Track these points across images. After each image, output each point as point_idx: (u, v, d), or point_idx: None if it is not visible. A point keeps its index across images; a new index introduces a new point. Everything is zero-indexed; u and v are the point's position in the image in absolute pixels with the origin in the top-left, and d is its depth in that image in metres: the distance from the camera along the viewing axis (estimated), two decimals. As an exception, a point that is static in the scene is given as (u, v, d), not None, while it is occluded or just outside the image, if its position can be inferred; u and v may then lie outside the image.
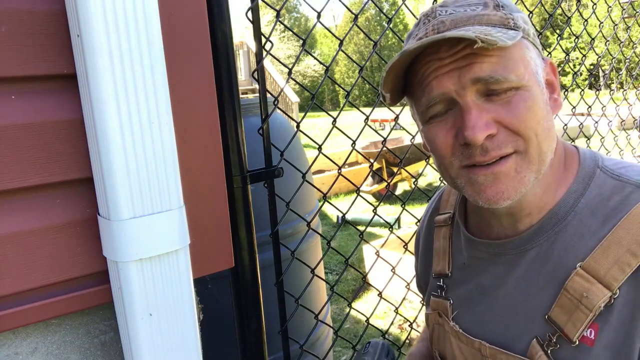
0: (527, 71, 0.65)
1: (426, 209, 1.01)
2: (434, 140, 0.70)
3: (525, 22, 0.68)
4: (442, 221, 0.90)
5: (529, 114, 0.64)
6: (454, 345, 0.82)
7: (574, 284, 0.65)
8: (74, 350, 0.84)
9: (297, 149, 1.84)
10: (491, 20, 0.65)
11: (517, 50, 0.65)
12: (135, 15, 0.71)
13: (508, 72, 0.63)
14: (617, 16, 2.52)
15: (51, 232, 0.77)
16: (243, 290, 1.02)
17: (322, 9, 1.17)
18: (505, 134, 0.65)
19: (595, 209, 0.68)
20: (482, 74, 0.63)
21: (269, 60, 14.92)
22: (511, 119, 0.64)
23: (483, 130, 0.63)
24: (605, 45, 2.28)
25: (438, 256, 0.89)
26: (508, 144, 0.65)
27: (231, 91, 0.93)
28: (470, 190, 0.69)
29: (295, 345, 1.25)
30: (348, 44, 34.36)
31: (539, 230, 0.71)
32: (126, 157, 0.73)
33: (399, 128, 8.98)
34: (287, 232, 1.70)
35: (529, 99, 0.64)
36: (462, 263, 0.83)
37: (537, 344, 0.68)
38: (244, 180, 0.98)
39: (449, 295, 0.85)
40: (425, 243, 0.97)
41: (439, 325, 0.87)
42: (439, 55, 0.65)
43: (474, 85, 0.64)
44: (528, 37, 0.68)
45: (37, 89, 0.75)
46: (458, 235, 0.86)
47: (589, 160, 0.73)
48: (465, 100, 0.65)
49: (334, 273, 4.63)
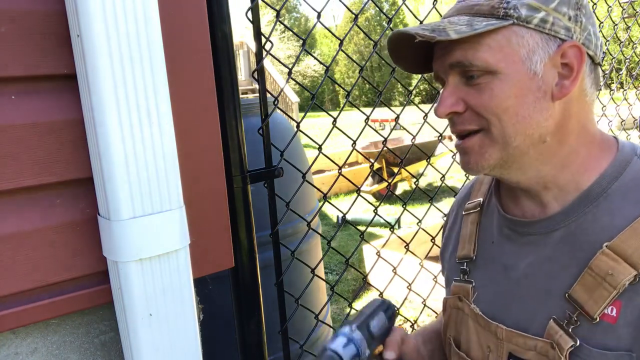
0: (507, 58, 0.68)
1: (457, 197, 1.03)
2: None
3: (534, 8, 0.68)
4: (471, 208, 0.93)
5: (493, 100, 0.69)
6: (470, 329, 0.83)
7: (600, 263, 0.66)
8: (74, 350, 0.84)
9: (297, 149, 1.84)
10: (481, 10, 0.70)
11: (498, 39, 0.68)
12: (135, 15, 0.71)
13: (475, 58, 0.68)
14: (617, 16, 2.52)
15: (51, 232, 0.77)
16: (243, 290, 1.02)
17: (322, 9, 1.17)
18: (470, 114, 0.72)
19: (628, 192, 0.69)
20: (452, 60, 0.71)
21: (269, 60, 14.92)
22: (475, 102, 0.71)
23: (447, 107, 0.72)
24: (605, 45, 2.28)
25: (464, 241, 0.90)
26: (472, 122, 0.72)
27: (231, 91, 0.93)
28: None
29: (295, 345, 1.25)
30: (348, 44, 34.34)
31: (568, 211, 0.72)
32: (126, 157, 0.73)
33: (399, 128, 8.95)
34: (287, 232, 1.70)
35: (498, 88, 0.69)
36: (491, 242, 0.85)
37: (556, 324, 0.69)
38: (244, 180, 0.98)
39: (472, 277, 0.86)
40: (450, 229, 0.99)
41: (458, 310, 0.87)
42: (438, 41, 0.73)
43: (452, 69, 0.72)
44: (528, 24, 0.68)
45: (37, 89, 0.75)
46: (488, 218, 0.87)
47: (627, 148, 0.74)
48: (447, 81, 0.73)
49: (334, 273, 4.63)
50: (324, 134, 1.34)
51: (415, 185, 1.63)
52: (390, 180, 5.57)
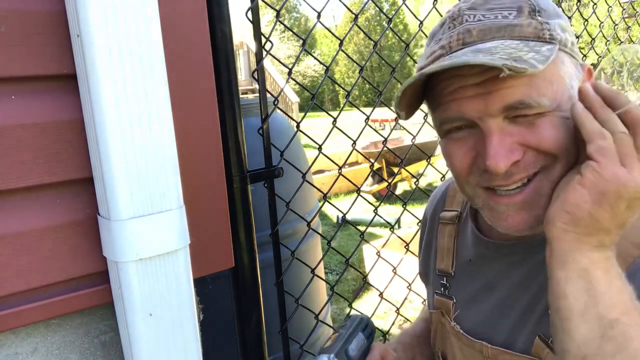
0: (559, 89, 0.60)
1: (430, 199, 0.99)
2: (451, 157, 0.68)
3: (564, 29, 0.62)
4: (448, 219, 0.90)
5: (559, 133, 0.60)
6: (454, 346, 0.82)
7: None
8: (74, 350, 0.84)
9: (297, 149, 1.84)
10: (524, 33, 0.60)
11: (551, 69, 0.59)
12: (135, 15, 0.71)
13: (541, 96, 0.58)
14: (617, 16, 2.52)
15: (51, 232, 0.77)
16: (243, 290, 1.02)
17: (322, 9, 1.17)
18: (531, 155, 0.61)
19: None
20: (512, 100, 0.58)
21: (269, 60, 14.92)
22: (539, 141, 0.60)
23: (506, 158, 0.59)
24: (605, 45, 2.28)
25: (442, 254, 0.89)
26: (536, 164, 0.61)
27: (231, 91, 0.93)
28: (489, 214, 0.67)
29: (295, 345, 1.25)
30: (348, 44, 34.34)
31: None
32: (126, 157, 0.73)
33: (399, 128, 8.96)
34: (287, 232, 1.70)
35: (555, 119, 0.60)
36: (468, 260, 0.83)
37: (542, 342, 0.68)
38: (244, 180, 0.98)
39: (452, 294, 0.85)
40: (428, 234, 0.96)
41: (442, 325, 0.86)
42: (462, 72, 0.60)
43: (503, 113, 0.59)
44: (565, 47, 0.62)
45: (37, 89, 0.74)
46: (464, 233, 0.86)
47: None
48: (487, 126, 0.60)
49: (334, 273, 4.63)
50: (324, 134, 1.34)
51: (415, 185, 1.63)
52: (390, 180, 5.57)
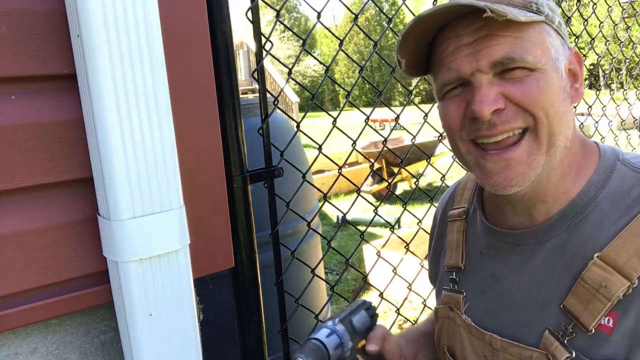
0: (545, 56, 0.66)
1: (440, 202, 1.01)
2: (446, 115, 0.72)
3: (551, 9, 0.68)
4: (456, 215, 0.91)
5: (541, 94, 0.65)
6: (464, 339, 0.82)
7: (592, 274, 0.65)
8: (74, 350, 0.84)
9: (297, 149, 1.84)
10: (513, 1, 0.66)
11: (536, 34, 0.65)
12: (135, 15, 0.71)
13: (525, 53, 0.64)
14: (617, 16, 2.52)
15: (51, 232, 0.77)
16: (243, 290, 1.02)
17: (322, 9, 1.17)
18: (513, 109, 0.65)
19: (616, 200, 0.68)
20: (498, 55, 0.64)
21: (269, 60, 14.93)
22: (521, 96, 0.65)
23: (490, 104, 0.64)
24: (605, 45, 2.28)
25: (451, 249, 0.89)
26: (517, 118, 0.65)
27: (231, 91, 0.93)
28: (479, 172, 0.71)
29: (295, 345, 1.25)
30: (348, 44, 34.36)
31: (558, 221, 0.71)
32: (126, 157, 0.73)
33: (399, 128, 8.96)
34: (287, 232, 1.70)
35: (542, 81, 0.65)
36: (479, 252, 0.83)
37: (551, 335, 0.68)
38: (244, 180, 0.98)
39: (462, 287, 0.85)
40: (438, 235, 0.97)
41: (449, 320, 0.87)
42: (457, 32, 0.67)
43: (492, 69, 0.65)
44: (552, 23, 0.68)
45: (37, 89, 0.74)
46: (473, 227, 0.86)
47: (609, 154, 0.73)
48: (478, 80, 0.66)
49: (334, 273, 4.63)
50: (324, 134, 1.34)
51: (415, 185, 1.63)
52: (390, 180, 5.57)
